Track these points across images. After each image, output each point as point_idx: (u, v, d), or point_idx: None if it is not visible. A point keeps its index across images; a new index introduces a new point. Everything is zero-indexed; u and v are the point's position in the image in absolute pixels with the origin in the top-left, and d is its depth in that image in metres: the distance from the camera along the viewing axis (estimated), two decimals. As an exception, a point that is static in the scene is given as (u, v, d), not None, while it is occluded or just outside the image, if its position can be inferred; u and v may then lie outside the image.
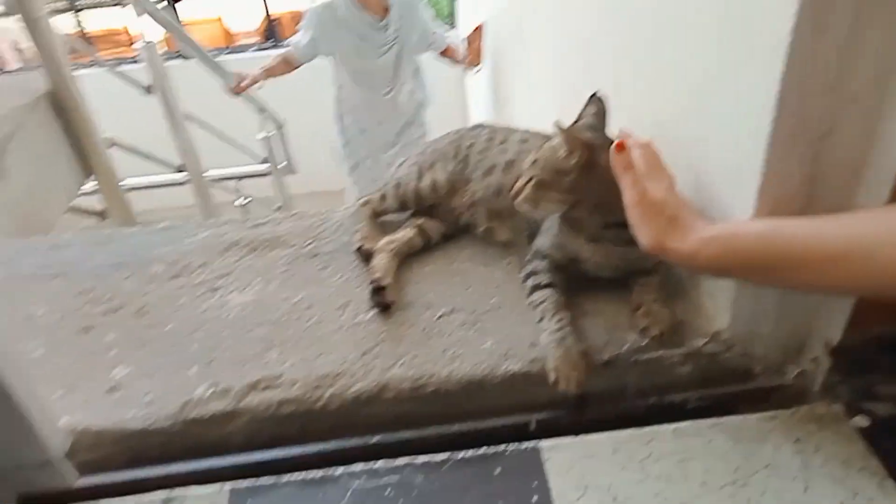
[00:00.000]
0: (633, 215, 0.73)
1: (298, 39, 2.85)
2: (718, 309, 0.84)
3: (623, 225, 0.79)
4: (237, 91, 2.92)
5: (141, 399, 0.82)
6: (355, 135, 3.09)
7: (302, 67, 3.03)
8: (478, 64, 3.08)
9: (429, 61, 3.13)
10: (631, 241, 0.80)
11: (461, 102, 4.52)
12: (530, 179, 0.84)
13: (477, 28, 3.00)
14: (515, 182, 0.88)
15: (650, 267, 0.90)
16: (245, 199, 3.51)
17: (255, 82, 2.95)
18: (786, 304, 0.79)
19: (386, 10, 2.77)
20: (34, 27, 1.57)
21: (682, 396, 0.83)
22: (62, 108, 1.70)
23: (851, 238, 0.56)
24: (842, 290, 0.70)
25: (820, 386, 0.80)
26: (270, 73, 2.98)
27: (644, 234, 0.72)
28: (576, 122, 0.88)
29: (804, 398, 0.81)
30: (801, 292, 0.77)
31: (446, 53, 3.09)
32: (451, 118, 3.30)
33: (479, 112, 3.82)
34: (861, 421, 0.75)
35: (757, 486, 0.69)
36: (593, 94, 0.88)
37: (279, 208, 3.64)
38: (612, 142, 0.83)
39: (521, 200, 0.86)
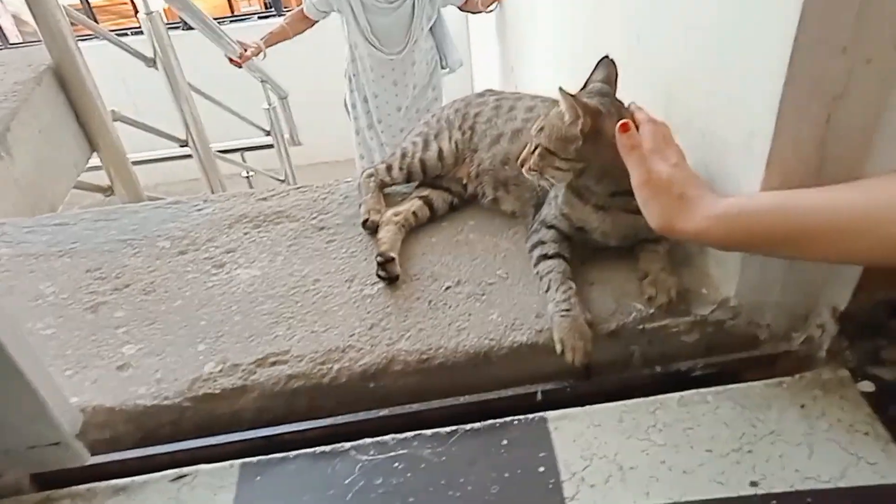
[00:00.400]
0: (641, 196, 0.73)
1: None
2: (725, 277, 0.84)
3: (631, 193, 0.78)
4: (241, 61, 2.87)
5: (151, 376, 0.83)
6: (368, 97, 3.01)
7: (306, 36, 2.99)
8: (499, 2, 2.97)
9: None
10: (639, 210, 0.79)
11: (467, 66, 4.46)
12: (536, 148, 0.83)
13: None
14: (522, 151, 0.87)
15: (657, 235, 0.89)
16: (250, 172, 3.50)
17: (259, 52, 2.91)
18: (793, 271, 0.79)
19: None
20: (35, 2, 1.56)
21: (688, 364, 0.83)
22: (66, 83, 1.69)
23: (861, 209, 0.55)
24: (853, 260, 0.69)
25: (826, 352, 0.80)
26: (280, 36, 2.93)
27: (653, 214, 0.71)
28: (584, 86, 0.86)
29: (810, 364, 0.81)
30: (815, 262, 0.77)
31: (467, 6, 2.98)
32: (456, 82, 3.27)
33: (485, 76, 3.76)
34: (867, 386, 0.75)
35: (762, 453, 0.69)
36: (603, 58, 0.86)
37: (283, 181, 3.63)
38: (620, 107, 0.82)
39: (527, 169, 0.85)
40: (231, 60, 2.90)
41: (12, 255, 1.07)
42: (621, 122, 0.75)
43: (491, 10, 2.99)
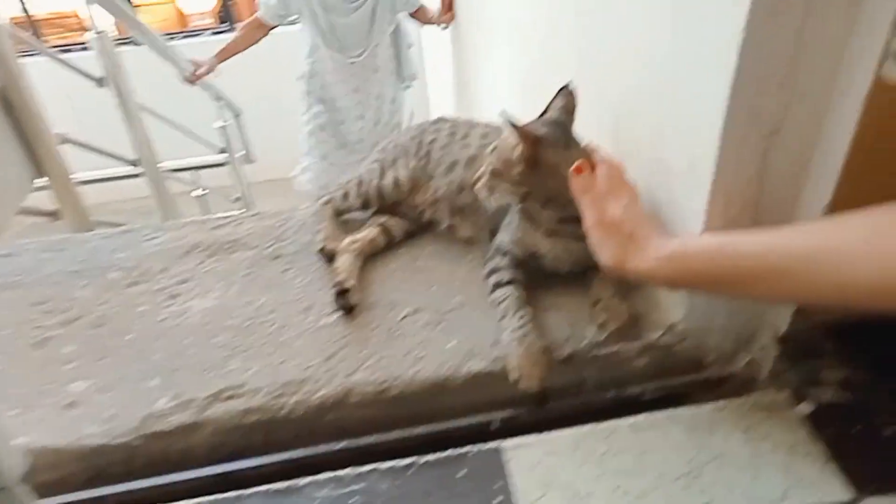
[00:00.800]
0: (593, 237, 0.75)
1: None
2: (673, 302, 0.87)
3: (578, 220, 0.81)
4: (193, 80, 2.83)
5: (101, 414, 0.82)
6: (325, 106, 2.93)
7: (259, 50, 2.95)
8: (452, 20, 2.94)
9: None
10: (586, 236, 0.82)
11: (421, 80, 4.49)
12: (488, 166, 0.86)
13: None
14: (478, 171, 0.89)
15: None
16: (202, 190, 3.44)
17: (212, 69, 2.86)
18: (737, 296, 0.82)
19: None
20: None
21: (639, 389, 0.86)
22: (11, 107, 1.64)
23: (799, 252, 0.58)
24: (793, 300, 0.73)
25: (768, 374, 0.83)
26: (234, 49, 2.87)
27: (604, 254, 0.74)
28: (543, 113, 0.88)
29: (754, 386, 0.84)
30: (756, 302, 0.80)
31: (417, 14, 2.95)
32: (411, 95, 3.28)
33: (439, 91, 3.80)
34: (806, 407, 0.78)
35: (709, 477, 0.72)
36: (563, 87, 0.88)
37: (238, 199, 3.59)
38: (570, 139, 0.84)
39: (479, 187, 0.88)
40: (185, 79, 2.86)
41: (-46, 289, 1.04)
42: (575, 164, 0.78)
43: (444, 27, 2.98)
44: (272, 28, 2.86)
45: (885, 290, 0.52)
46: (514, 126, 0.79)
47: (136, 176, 2.61)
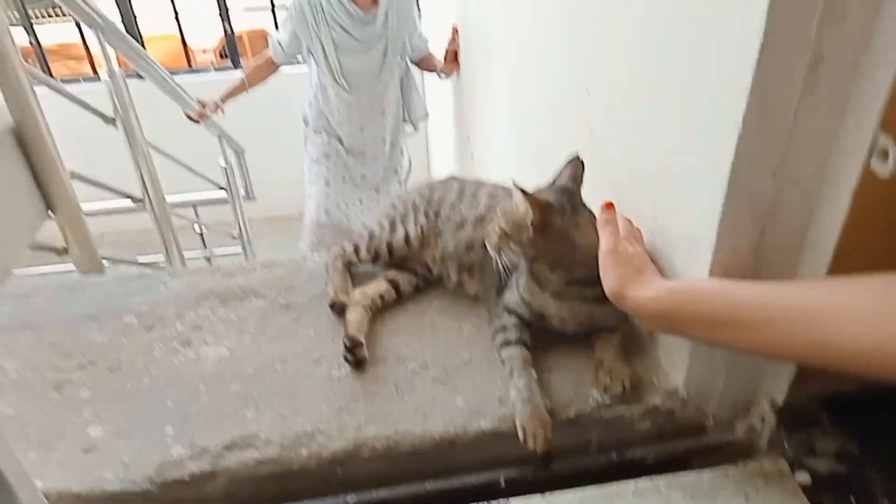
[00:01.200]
0: (605, 262, 0.80)
1: (279, 37, 2.78)
2: (674, 367, 0.90)
3: (585, 282, 0.86)
4: (199, 119, 2.86)
5: (117, 459, 0.83)
6: (333, 145, 2.95)
7: (265, 91, 3.01)
8: (455, 70, 2.97)
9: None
10: (594, 299, 0.86)
11: (422, 137, 4.57)
12: (498, 228, 0.90)
13: (454, 31, 2.90)
14: (485, 234, 0.93)
15: (611, 325, 0.96)
16: (203, 226, 3.48)
17: (217, 109, 2.91)
18: (735, 363, 0.86)
19: (375, 2, 2.66)
20: (-1, 64, 1.56)
21: (642, 452, 0.88)
22: (26, 144, 1.68)
23: (797, 306, 0.62)
24: (781, 354, 0.76)
25: (767, 441, 0.86)
26: (240, 89, 2.90)
27: (610, 279, 0.78)
28: (552, 182, 0.93)
29: (753, 453, 0.87)
30: (746, 354, 0.84)
31: (423, 60, 2.98)
32: (413, 146, 3.35)
33: (441, 142, 3.87)
34: (803, 477, 0.81)
35: (710, 543, 0.74)
36: (574, 157, 0.93)
37: (238, 236, 3.62)
38: (578, 205, 0.88)
39: (490, 245, 0.91)
40: (189, 117, 2.88)
41: (-29, 328, 1.06)
42: (606, 201, 0.86)
43: (445, 76, 3.01)
44: (278, 68, 2.92)
45: (877, 356, 0.54)
46: (525, 193, 0.84)
47: (138, 210, 2.64)
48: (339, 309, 1.06)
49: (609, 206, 0.86)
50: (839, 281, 0.60)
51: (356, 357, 0.97)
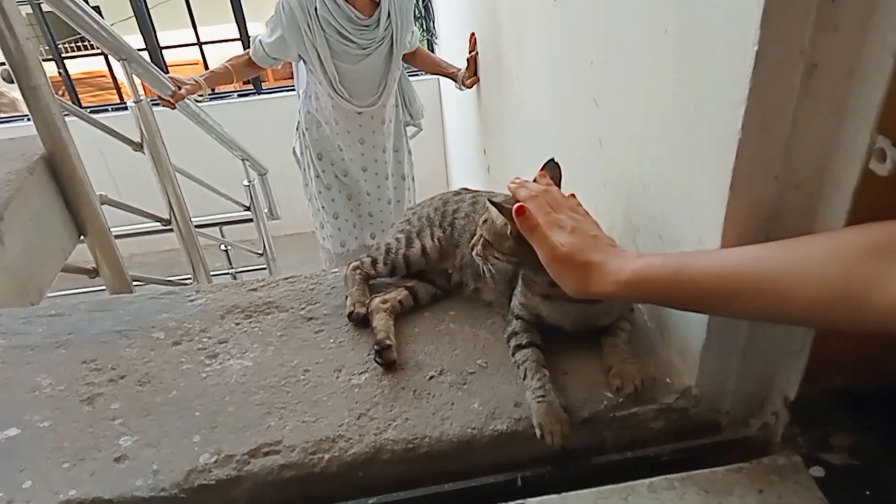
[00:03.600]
0: (552, 273, 0.80)
1: (262, 37, 2.51)
2: (686, 367, 0.91)
3: None
4: (176, 99, 2.48)
5: (148, 468, 0.87)
6: (326, 161, 2.74)
7: (285, 111, 2.94)
8: (475, 83, 2.77)
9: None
10: (580, 299, 0.87)
11: (439, 143, 4.62)
12: (481, 237, 0.93)
13: (472, 38, 2.68)
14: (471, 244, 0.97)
15: (612, 324, 0.97)
16: (228, 247, 3.55)
17: (198, 89, 2.53)
18: (748, 361, 0.87)
19: (375, 5, 2.41)
20: (32, 95, 1.63)
21: (657, 450, 0.90)
22: (58, 171, 1.75)
23: (751, 275, 0.64)
24: (750, 318, 0.79)
25: (780, 438, 0.87)
26: (224, 78, 2.62)
27: (567, 286, 0.79)
28: None
29: (767, 450, 0.88)
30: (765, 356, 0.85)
31: (422, 61, 2.77)
32: (430, 163, 3.39)
33: (459, 169, 3.90)
34: (818, 471, 0.81)
35: (725, 537, 0.75)
36: (549, 161, 0.96)
37: (262, 254, 3.69)
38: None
39: (475, 254, 0.95)
40: (162, 100, 2.51)
41: (8, 347, 1.11)
42: (517, 205, 0.81)
43: (463, 89, 2.85)
44: (262, 69, 2.69)
45: (825, 309, 0.57)
46: (499, 207, 0.87)
47: (166, 231, 2.72)
48: (356, 319, 1.09)
49: (520, 210, 0.80)
50: (800, 241, 0.64)
51: (386, 360, 1.00)
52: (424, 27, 4.92)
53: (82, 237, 1.85)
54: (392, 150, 2.86)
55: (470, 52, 2.71)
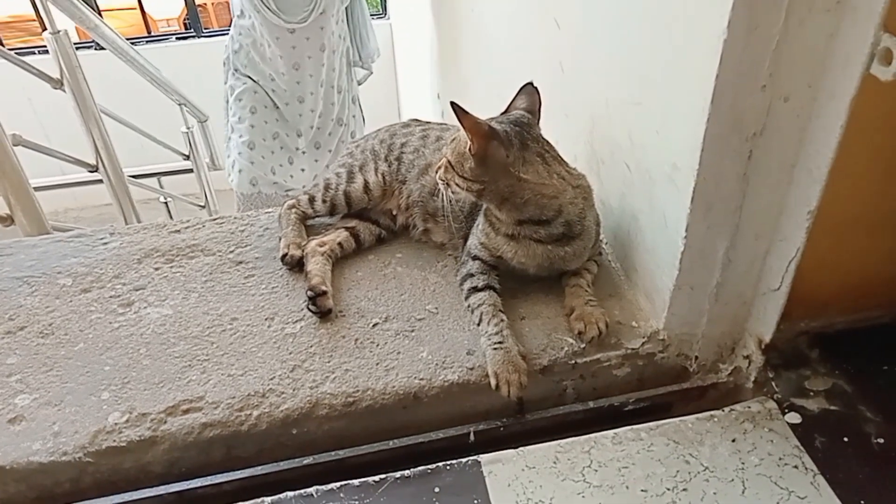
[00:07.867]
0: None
1: None
2: (654, 309, 0.84)
3: (536, 222, 0.81)
4: None
5: (47, 430, 0.76)
6: (259, 94, 2.36)
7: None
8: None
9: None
10: (549, 240, 0.81)
11: (392, 90, 4.46)
12: (445, 159, 0.84)
13: None
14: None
15: (577, 267, 0.89)
16: (167, 198, 3.35)
17: None
18: (721, 300, 0.80)
19: None
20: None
21: (621, 399, 0.83)
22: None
23: None
24: None
25: (753, 383, 0.81)
26: None
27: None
28: (505, 111, 0.85)
29: (738, 396, 0.82)
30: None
31: None
32: (383, 106, 3.23)
33: (411, 101, 3.77)
34: (794, 417, 0.76)
35: (696, 490, 0.69)
36: (526, 84, 0.86)
37: (204, 206, 3.50)
38: (529, 139, 0.81)
39: (438, 178, 0.85)
40: None
41: None
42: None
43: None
44: None
45: None
46: (468, 119, 0.76)
47: (96, 182, 2.52)
48: (290, 262, 0.98)
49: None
50: None
51: (320, 307, 0.90)
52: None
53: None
54: (334, 88, 2.47)
55: None
